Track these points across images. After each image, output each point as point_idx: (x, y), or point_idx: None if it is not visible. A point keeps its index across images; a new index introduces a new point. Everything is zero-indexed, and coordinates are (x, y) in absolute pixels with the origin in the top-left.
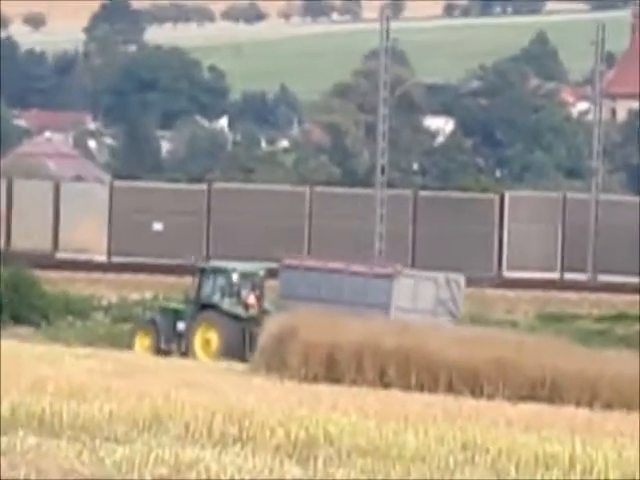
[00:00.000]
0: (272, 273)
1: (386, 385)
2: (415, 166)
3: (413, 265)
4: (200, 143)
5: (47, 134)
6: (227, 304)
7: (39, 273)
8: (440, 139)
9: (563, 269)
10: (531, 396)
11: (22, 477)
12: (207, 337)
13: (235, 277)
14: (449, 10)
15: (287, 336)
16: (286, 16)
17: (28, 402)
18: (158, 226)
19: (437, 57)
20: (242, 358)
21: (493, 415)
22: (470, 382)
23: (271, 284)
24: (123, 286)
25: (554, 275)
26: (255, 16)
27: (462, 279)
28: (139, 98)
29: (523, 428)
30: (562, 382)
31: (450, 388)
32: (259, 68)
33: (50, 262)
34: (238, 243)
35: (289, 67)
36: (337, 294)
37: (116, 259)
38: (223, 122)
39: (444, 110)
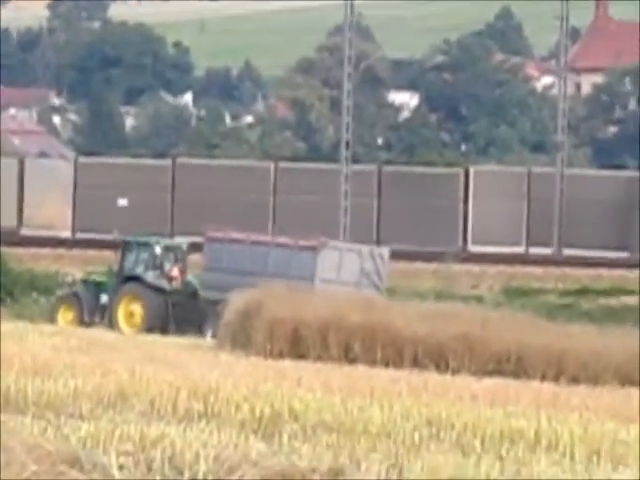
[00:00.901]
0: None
1: (351, 361)
2: (380, 141)
3: (378, 241)
4: (164, 119)
5: (11, 111)
6: (151, 277)
7: (4, 250)
8: (405, 114)
9: (528, 244)
10: (496, 371)
11: None
12: (131, 309)
13: (158, 250)
14: None
15: (252, 312)
16: None
17: None
18: (123, 202)
19: (401, 32)
20: (165, 330)
21: (458, 390)
22: (435, 357)
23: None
24: (88, 262)
25: (519, 249)
26: None
27: (386, 252)
28: (103, 74)
29: (488, 403)
30: (527, 357)
31: (415, 363)
32: (223, 44)
33: (14, 239)
34: (203, 219)
35: (253, 43)
36: (262, 266)
37: (81, 235)
38: (187, 98)
39: (409, 85)
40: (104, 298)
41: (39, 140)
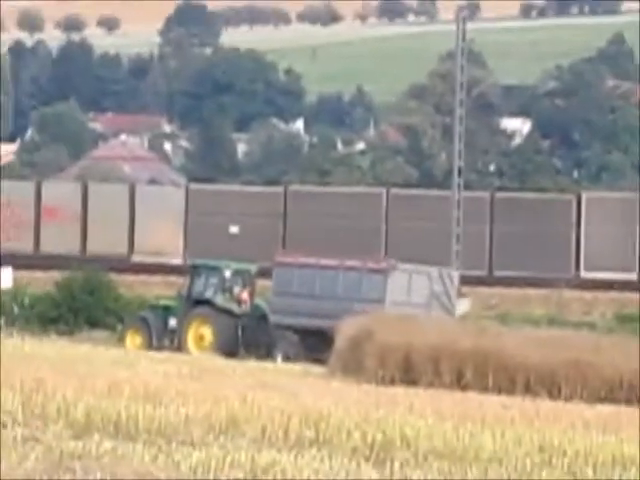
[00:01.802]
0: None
1: (463, 387)
2: (492, 167)
3: (490, 267)
4: (276, 145)
5: (122, 137)
6: (220, 300)
7: (115, 276)
8: (517, 140)
9: None
10: (609, 397)
11: None
12: (200, 333)
13: (227, 274)
14: (526, 10)
15: (363, 339)
16: (362, 18)
17: (104, 406)
18: (234, 229)
19: (513, 58)
20: (234, 353)
21: (571, 417)
22: (547, 384)
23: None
24: None
25: (632, 276)
26: (331, 18)
27: (456, 274)
28: (215, 101)
29: (601, 430)
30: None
31: (527, 390)
32: (335, 70)
33: (126, 265)
34: (314, 246)
35: (365, 69)
36: (331, 290)
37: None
38: (299, 124)
39: (521, 111)
40: (172, 322)
41: (150, 167)
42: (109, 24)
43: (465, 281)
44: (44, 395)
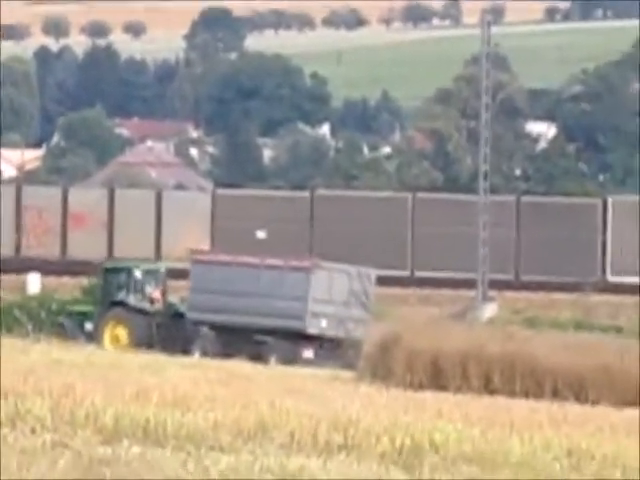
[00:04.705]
0: None
1: (491, 392)
2: (518, 171)
3: (517, 271)
4: (302, 150)
5: (149, 143)
6: (133, 300)
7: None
8: (542, 144)
9: None
10: (636, 401)
11: None
12: (116, 333)
13: (138, 274)
14: (550, 14)
15: (391, 344)
16: (387, 22)
17: (132, 412)
18: (261, 234)
19: (539, 62)
20: (151, 347)
21: (598, 421)
22: (575, 388)
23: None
24: None
25: None
26: (356, 22)
27: (373, 273)
28: (241, 106)
29: (628, 434)
30: None
31: (555, 394)
32: (360, 74)
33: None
34: (341, 250)
35: (390, 73)
36: (253, 287)
37: None
38: (325, 129)
39: (546, 115)
40: (88, 325)
41: (176, 172)
42: (135, 29)
43: (492, 285)
44: (73, 401)
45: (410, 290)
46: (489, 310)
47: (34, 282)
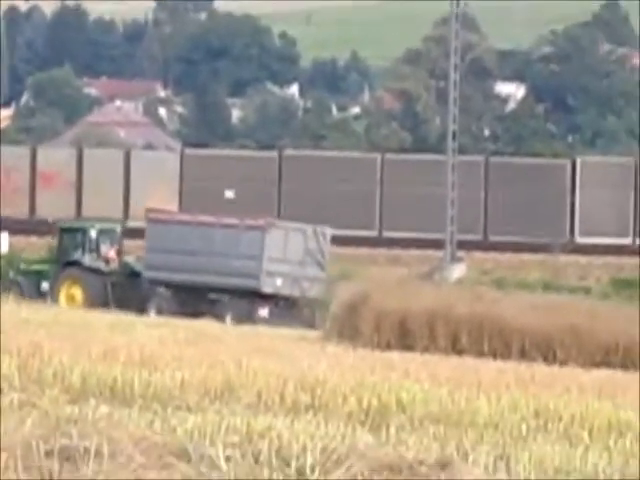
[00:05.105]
0: None
1: (459, 352)
2: (487, 132)
3: (485, 232)
4: (271, 110)
5: (117, 102)
6: (88, 260)
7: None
8: (511, 105)
9: (636, 234)
10: (604, 362)
11: (93, 446)
12: (71, 293)
13: (93, 234)
14: None
15: (359, 304)
16: None
17: (99, 371)
18: (229, 194)
19: (508, 23)
20: (106, 306)
21: (566, 382)
22: (543, 349)
23: None
24: None
25: (627, 240)
26: None
27: (329, 231)
28: (209, 66)
29: (596, 394)
30: (635, 348)
31: (523, 355)
32: (329, 35)
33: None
34: (310, 210)
35: (359, 34)
36: (208, 246)
37: None
38: (294, 89)
39: (515, 76)
40: (44, 285)
41: (145, 132)
42: None
43: (461, 246)
44: (40, 360)
45: (378, 250)
46: (457, 270)
47: (2, 242)
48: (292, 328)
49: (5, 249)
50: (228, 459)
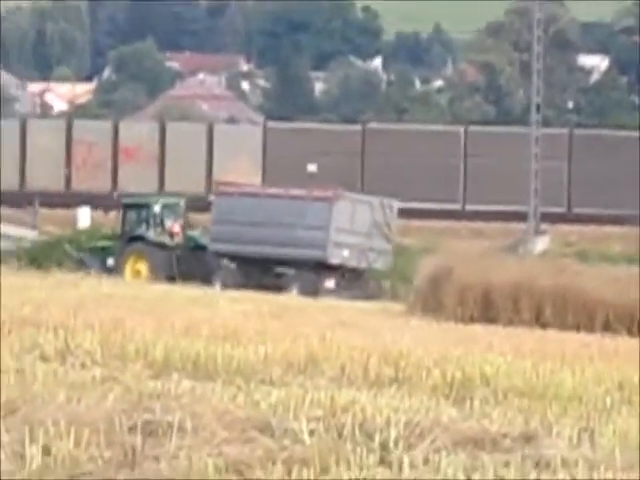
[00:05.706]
0: None
1: (542, 325)
2: (570, 104)
3: (569, 204)
4: (354, 84)
5: (200, 76)
6: (153, 235)
7: (193, 215)
8: (595, 77)
9: None
10: None
11: (176, 421)
12: (137, 268)
13: (157, 209)
14: None
15: (442, 277)
16: None
17: (182, 346)
18: (312, 167)
19: None
20: (172, 280)
21: None
22: (626, 321)
23: None
24: None
25: None
26: None
27: (396, 204)
28: (292, 39)
29: None
30: None
31: (607, 327)
32: (413, 8)
33: (203, 204)
34: (392, 184)
35: (442, 6)
36: (275, 218)
37: None
38: (377, 62)
39: (599, 48)
40: (110, 261)
41: (228, 105)
42: None
43: (544, 218)
44: (123, 335)
45: (461, 223)
46: (541, 243)
47: (84, 216)
48: (356, 300)
49: (87, 223)
50: (311, 433)
